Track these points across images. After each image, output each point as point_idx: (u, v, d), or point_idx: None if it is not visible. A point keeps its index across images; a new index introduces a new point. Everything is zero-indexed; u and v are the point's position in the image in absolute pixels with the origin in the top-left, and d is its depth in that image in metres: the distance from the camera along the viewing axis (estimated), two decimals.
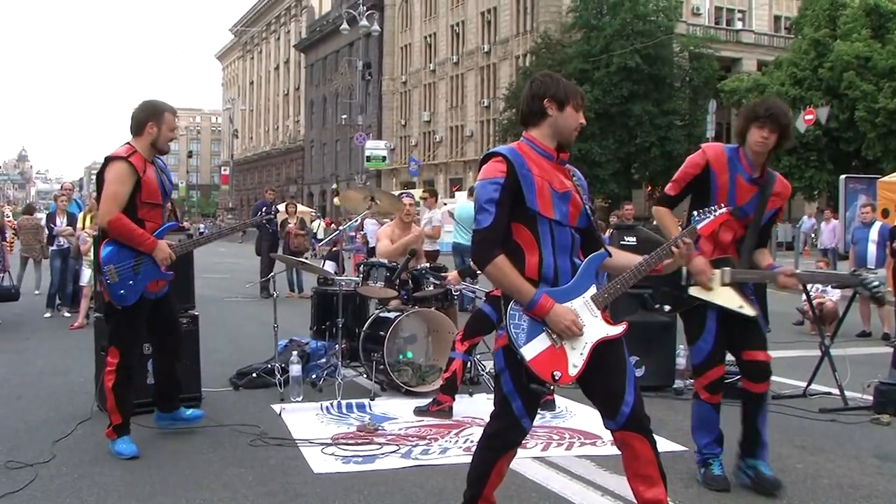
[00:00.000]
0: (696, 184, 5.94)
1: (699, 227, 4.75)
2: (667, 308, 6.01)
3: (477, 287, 9.83)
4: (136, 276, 6.84)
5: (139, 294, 6.87)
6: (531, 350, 4.28)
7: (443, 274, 9.74)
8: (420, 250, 10.14)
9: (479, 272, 9.48)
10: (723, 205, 4.90)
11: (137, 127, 6.97)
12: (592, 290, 4.43)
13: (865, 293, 6.06)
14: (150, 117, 6.95)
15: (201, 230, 77.40)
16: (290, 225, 21.82)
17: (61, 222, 16.69)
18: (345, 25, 56.84)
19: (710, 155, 5.91)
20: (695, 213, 4.85)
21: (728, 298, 5.88)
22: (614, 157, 49.95)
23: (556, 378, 4.26)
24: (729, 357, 6.23)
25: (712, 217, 4.76)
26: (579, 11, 54.63)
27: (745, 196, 5.88)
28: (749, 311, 5.92)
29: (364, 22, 52.82)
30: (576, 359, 4.32)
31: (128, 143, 7.00)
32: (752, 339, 6.01)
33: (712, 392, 6.12)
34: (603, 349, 4.39)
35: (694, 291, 5.90)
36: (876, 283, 6.31)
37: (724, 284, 5.83)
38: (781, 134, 5.81)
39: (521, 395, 4.41)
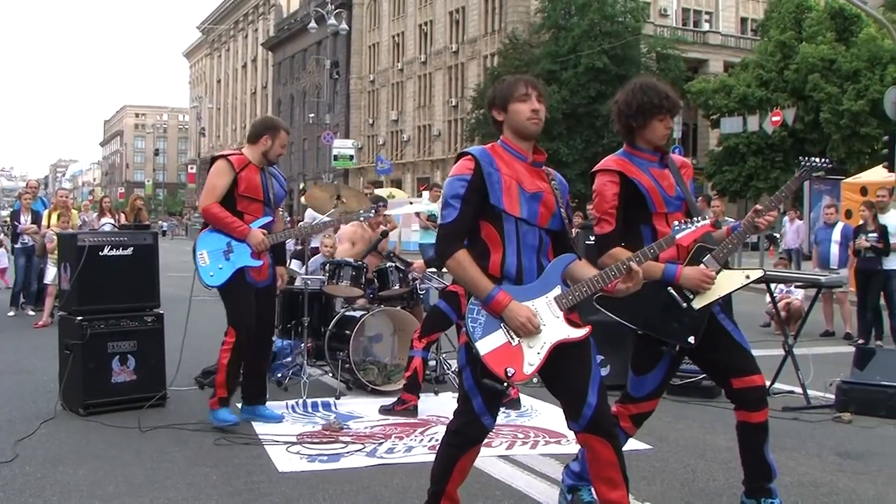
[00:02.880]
0: (625, 202, 5.11)
1: (679, 236, 4.62)
2: (692, 340, 5.03)
3: (442, 281, 9.86)
4: (228, 262, 7.45)
5: (229, 277, 7.46)
6: (486, 345, 4.31)
7: (409, 261, 9.77)
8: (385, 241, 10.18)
9: None
10: (706, 216, 4.75)
11: (254, 136, 7.68)
12: (557, 290, 4.44)
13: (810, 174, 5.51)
14: (266, 131, 7.67)
15: (164, 228, 77.32)
16: None
17: (25, 220, 16.55)
18: (313, 24, 56.87)
19: (616, 166, 5.15)
20: (676, 223, 4.69)
21: (730, 282, 5.17)
22: (581, 157, 50.02)
23: (510, 375, 4.28)
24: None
25: (693, 228, 4.62)
26: (547, 12, 54.73)
27: (669, 183, 5.19)
28: (757, 271, 5.47)
29: (332, 20, 52.84)
30: (532, 357, 4.33)
31: (239, 146, 7.81)
32: (739, 361, 5.16)
33: (636, 424, 5.42)
34: (567, 350, 4.40)
35: (698, 303, 5.07)
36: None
37: (717, 273, 5.06)
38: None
39: (482, 391, 4.43)
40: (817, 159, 5.39)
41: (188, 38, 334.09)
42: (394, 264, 9.77)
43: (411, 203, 11.68)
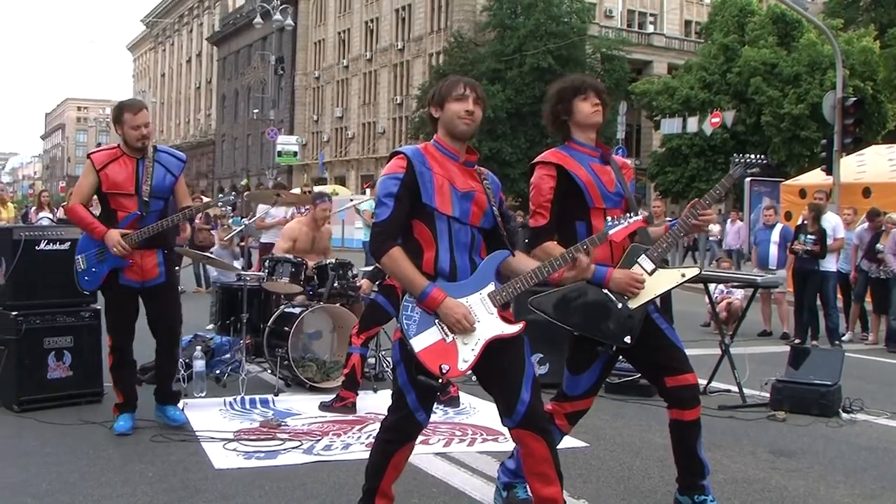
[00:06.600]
0: (561, 195, 5.13)
1: (612, 232, 4.66)
2: (628, 340, 5.04)
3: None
4: (100, 264, 7.14)
5: (100, 280, 7.18)
6: (421, 342, 4.34)
7: (356, 282, 9.67)
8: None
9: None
10: (641, 212, 4.78)
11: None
12: (490, 287, 4.48)
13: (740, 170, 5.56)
14: (114, 121, 7.26)
15: None
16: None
17: None
18: (258, 19, 56.51)
19: (554, 159, 5.16)
20: (609, 219, 4.74)
21: (666, 280, 5.19)
22: (525, 157, 50.09)
23: (444, 371, 4.30)
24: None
25: (626, 223, 4.66)
26: (493, 11, 54.84)
27: (609, 179, 5.20)
28: (692, 270, 5.48)
29: (278, 16, 52.50)
30: (466, 354, 4.36)
31: None
32: (673, 360, 5.22)
33: (571, 422, 5.43)
34: (501, 346, 4.44)
35: (634, 303, 5.06)
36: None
37: (651, 274, 5.09)
38: (604, 102, 5.22)
39: (415, 387, 4.47)
40: (752, 156, 5.38)
41: (132, 31, 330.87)
42: (333, 261, 9.73)
43: (352, 200, 11.60)
